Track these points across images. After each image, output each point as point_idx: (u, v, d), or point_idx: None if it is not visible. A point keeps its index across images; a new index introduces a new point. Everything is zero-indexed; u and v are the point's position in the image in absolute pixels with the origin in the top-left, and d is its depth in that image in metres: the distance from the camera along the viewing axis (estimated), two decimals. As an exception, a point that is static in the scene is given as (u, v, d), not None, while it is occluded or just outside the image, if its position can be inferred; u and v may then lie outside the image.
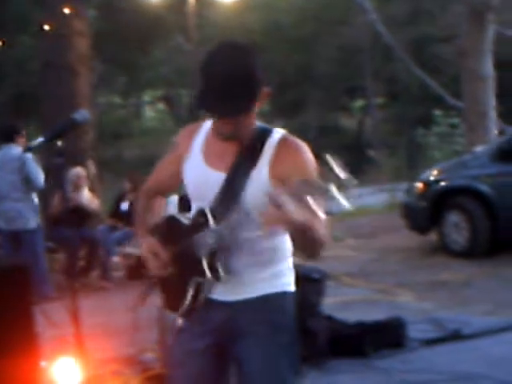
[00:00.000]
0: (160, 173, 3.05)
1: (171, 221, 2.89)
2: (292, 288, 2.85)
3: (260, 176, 2.70)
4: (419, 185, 10.39)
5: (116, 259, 9.80)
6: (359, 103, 30.85)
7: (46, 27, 11.71)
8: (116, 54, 21.45)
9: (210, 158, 2.80)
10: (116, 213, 9.97)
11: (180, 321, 2.85)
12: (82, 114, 3.44)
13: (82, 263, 9.67)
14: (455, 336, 6.15)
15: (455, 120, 18.87)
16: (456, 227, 9.84)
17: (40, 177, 8.26)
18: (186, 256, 2.75)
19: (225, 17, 22.76)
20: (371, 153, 22.54)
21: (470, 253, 9.62)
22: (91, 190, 10.16)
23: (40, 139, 3.31)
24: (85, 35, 12.49)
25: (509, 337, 6.10)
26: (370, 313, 6.54)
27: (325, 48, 25.83)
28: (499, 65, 15.30)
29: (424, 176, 10.67)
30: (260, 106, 2.70)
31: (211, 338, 2.82)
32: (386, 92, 28.64)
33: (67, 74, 11.84)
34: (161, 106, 31.03)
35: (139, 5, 20.18)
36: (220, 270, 2.68)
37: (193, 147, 2.86)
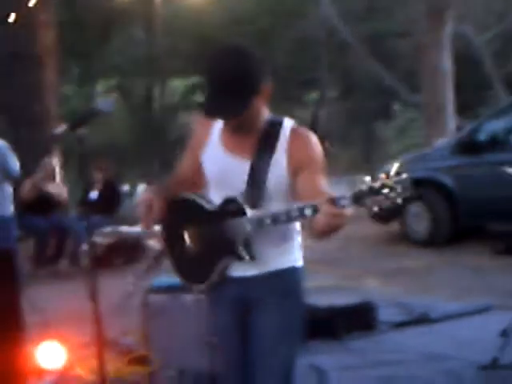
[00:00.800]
0: (186, 161, 3.19)
1: (191, 203, 3.03)
2: (300, 263, 3.06)
3: (279, 163, 2.88)
4: (381, 176, 10.65)
5: (85, 248, 9.89)
6: (314, 95, 31.05)
7: (12, 18, 11.70)
8: (74, 44, 21.33)
9: (229, 146, 2.95)
10: (85, 201, 10.01)
11: (208, 293, 3.10)
12: (107, 102, 3.53)
13: (51, 251, 9.71)
14: (423, 319, 6.40)
15: (412, 114, 19.25)
16: (417, 217, 10.16)
17: (17, 166, 8.34)
18: (218, 239, 2.92)
19: (186, 12, 22.82)
20: (326, 145, 22.80)
21: (431, 242, 9.97)
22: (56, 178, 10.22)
23: (63, 127, 3.43)
24: (50, 26, 12.48)
25: (472, 320, 6.35)
26: (338, 298, 6.73)
27: (281, 41, 25.97)
28: (457, 59, 15.67)
29: (386, 168, 10.92)
30: (264, 101, 2.88)
31: (232, 310, 3.06)
32: (341, 85, 28.85)
33: (34, 65, 11.83)
34: (114, 95, 30.85)
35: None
36: (254, 253, 2.88)
37: (211, 135, 3.00)
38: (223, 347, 3.20)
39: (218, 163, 2.96)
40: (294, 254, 3.05)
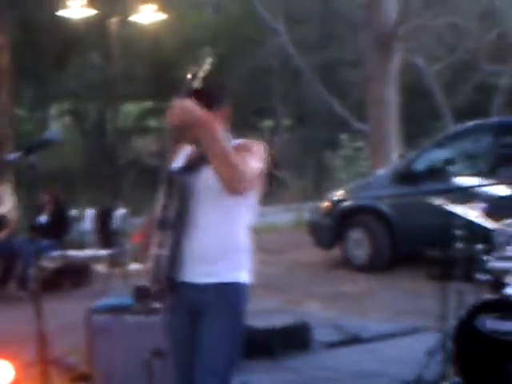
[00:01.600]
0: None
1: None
2: (246, 279, 3.39)
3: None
4: (325, 204, 11.03)
5: (33, 271, 10.01)
6: (268, 124, 31.36)
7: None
8: (28, 67, 21.41)
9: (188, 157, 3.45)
10: (34, 225, 10.13)
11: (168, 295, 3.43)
12: (55, 133, 3.92)
13: (-1, 274, 9.79)
14: (355, 339, 6.76)
15: (360, 143, 19.64)
16: (358, 243, 10.49)
17: None
18: (161, 222, 3.33)
19: (142, 36, 22.99)
20: (279, 173, 23.20)
21: (370, 267, 10.29)
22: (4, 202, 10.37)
23: (16, 153, 3.76)
24: (5, 49, 12.66)
25: (402, 340, 6.71)
26: (278, 320, 6.88)
27: (236, 67, 26.23)
28: (408, 90, 16.06)
29: (329, 196, 11.33)
30: (222, 122, 3.33)
31: (185, 313, 3.40)
32: (294, 114, 29.19)
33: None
34: (68, 119, 30.80)
35: (58, 21, 20.29)
36: (184, 216, 3.27)
37: (180, 156, 3.50)
38: (175, 346, 3.51)
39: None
40: (243, 270, 3.39)
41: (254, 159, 3.29)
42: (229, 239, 3.37)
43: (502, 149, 9.77)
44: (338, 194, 11.16)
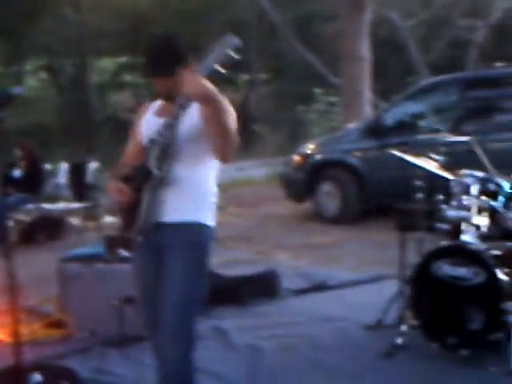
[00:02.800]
0: (129, 147, 3.90)
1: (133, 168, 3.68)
2: (211, 222, 3.66)
3: (191, 115, 3.53)
4: (296, 157, 11.17)
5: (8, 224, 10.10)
6: (244, 78, 31.26)
7: None
8: (1, 23, 21.22)
9: (158, 112, 3.73)
10: (8, 179, 10.13)
11: (138, 238, 3.66)
12: (18, 89, 4.07)
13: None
14: (321, 287, 7.02)
15: (333, 98, 19.71)
16: (329, 196, 10.67)
17: None
18: (140, 172, 3.60)
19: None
20: (255, 127, 23.30)
21: (341, 219, 10.49)
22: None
23: None
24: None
25: (366, 288, 6.96)
26: (249, 270, 7.17)
27: (211, 22, 26.09)
28: (382, 45, 16.08)
29: (301, 149, 11.49)
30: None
31: (153, 254, 3.66)
32: (270, 68, 29.13)
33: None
34: (43, 75, 30.59)
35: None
36: (164, 169, 3.53)
37: (147, 113, 3.80)
38: (141, 283, 3.77)
39: (148, 124, 3.74)
40: (207, 211, 3.66)
41: (229, 117, 3.47)
42: (197, 188, 3.63)
43: (469, 103, 9.95)
44: (310, 147, 11.31)
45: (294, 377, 4.89)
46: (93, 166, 10.22)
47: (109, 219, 10.27)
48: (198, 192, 3.63)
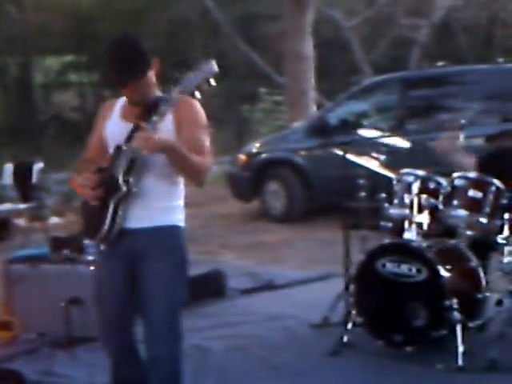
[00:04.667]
0: (92, 141, 3.86)
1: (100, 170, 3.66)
2: (182, 224, 3.70)
3: (166, 123, 3.54)
4: (242, 156, 11.20)
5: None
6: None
7: None
8: None
9: (124, 115, 3.68)
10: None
11: (101, 246, 3.69)
12: None
13: None
14: (268, 286, 7.09)
15: (279, 97, 19.75)
16: (275, 195, 10.72)
17: None
18: (108, 181, 3.56)
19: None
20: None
21: (287, 218, 10.54)
22: None
23: None
24: None
25: (314, 286, 7.05)
26: (195, 270, 7.22)
27: (155, 20, 25.98)
28: (325, 44, 16.14)
29: (247, 148, 11.52)
30: (153, 75, 3.62)
31: (122, 261, 3.65)
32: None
33: None
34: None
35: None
36: (131, 182, 3.53)
37: (112, 113, 3.74)
38: (105, 287, 3.74)
39: (114, 127, 3.69)
40: (177, 214, 3.70)
41: (202, 132, 3.61)
42: (166, 195, 3.66)
43: (412, 102, 10.10)
44: (255, 146, 11.36)
45: (242, 376, 4.92)
46: (38, 166, 10.14)
47: (54, 220, 10.23)
48: (166, 198, 3.66)
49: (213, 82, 3.49)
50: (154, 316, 3.62)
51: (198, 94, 3.49)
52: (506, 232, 4.99)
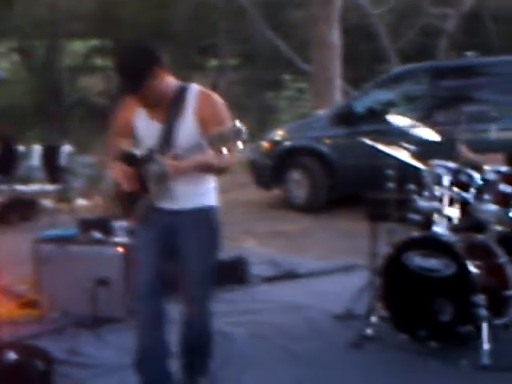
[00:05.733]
0: (117, 131, 4.13)
1: (127, 153, 3.95)
2: (215, 203, 4.05)
3: (187, 123, 3.82)
4: (265, 144, 11.14)
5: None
6: (213, 63, 31.12)
7: None
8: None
9: (150, 114, 3.92)
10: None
11: (136, 223, 4.03)
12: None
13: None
14: (290, 275, 7.06)
15: (303, 85, 19.70)
16: (297, 184, 10.65)
17: None
18: (141, 179, 3.87)
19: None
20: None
21: (309, 207, 10.48)
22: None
23: None
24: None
25: (336, 277, 7.00)
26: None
27: (180, 5, 25.93)
28: (349, 31, 16.07)
29: (270, 136, 11.47)
30: (161, 79, 3.77)
31: (159, 233, 3.99)
32: (239, 53, 29.03)
33: None
34: (15, 57, 30.38)
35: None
36: (156, 193, 3.85)
37: (140, 112, 3.95)
38: (143, 255, 4.04)
39: (144, 126, 3.96)
40: (209, 195, 4.04)
41: (223, 125, 3.68)
42: (199, 179, 3.95)
43: (439, 92, 10.00)
44: (279, 134, 11.30)
45: (264, 363, 4.90)
46: (66, 148, 10.21)
47: (80, 202, 10.29)
48: (200, 181, 3.96)
49: (241, 145, 3.60)
50: (192, 282, 4.04)
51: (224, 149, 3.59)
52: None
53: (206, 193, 4.01)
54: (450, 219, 5.08)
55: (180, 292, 4.13)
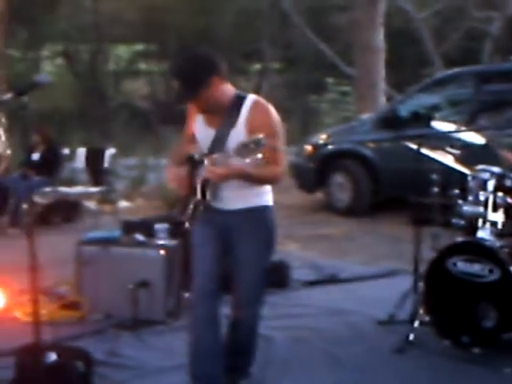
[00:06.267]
0: (186, 137, 4.24)
1: (189, 156, 4.03)
2: (270, 203, 4.13)
3: (239, 131, 3.87)
4: (308, 147, 11.11)
5: (26, 206, 10.10)
6: (256, 67, 31.21)
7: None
8: (22, 9, 21.28)
9: (207, 121, 4.02)
10: (27, 162, 10.22)
11: (188, 223, 4.07)
12: (43, 76, 4.10)
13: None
14: (332, 279, 7.01)
15: (346, 88, 19.66)
16: (340, 187, 10.62)
17: None
18: (193, 181, 3.96)
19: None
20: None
21: (352, 211, 10.43)
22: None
23: (8, 94, 3.95)
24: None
25: (379, 282, 6.94)
26: None
27: (225, 11, 26.08)
28: (393, 35, 16.02)
29: (313, 139, 11.44)
30: (217, 87, 3.85)
31: (215, 231, 4.06)
32: (282, 57, 29.08)
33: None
34: (60, 61, 30.77)
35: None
36: (208, 195, 3.91)
37: (198, 118, 4.07)
38: (202, 253, 4.10)
39: (201, 132, 4.06)
40: (266, 195, 4.10)
41: (276, 139, 3.87)
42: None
43: (483, 96, 9.88)
44: (322, 137, 11.27)
45: (305, 368, 4.88)
46: (110, 151, 10.29)
47: (123, 204, 10.35)
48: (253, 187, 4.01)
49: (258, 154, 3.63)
50: (244, 284, 4.11)
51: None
52: None
53: (261, 193, 4.06)
54: (494, 224, 5.01)
55: (232, 293, 4.17)
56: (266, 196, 4.09)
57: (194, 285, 4.11)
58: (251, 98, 3.95)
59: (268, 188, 4.10)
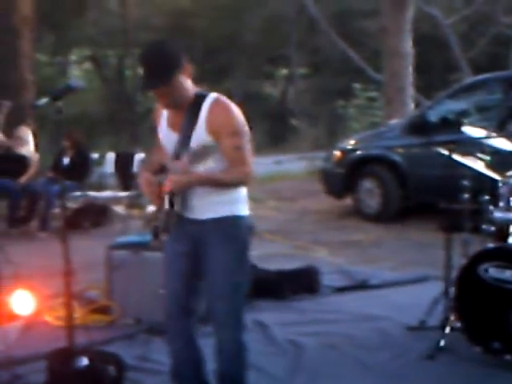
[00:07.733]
0: (157, 142, 4.00)
1: (163, 166, 3.85)
2: (243, 212, 3.81)
3: (200, 132, 3.64)
4: (337, 153, 11.09)
5: (55, 211, 10.20)
6: (283, 72, 31.26)
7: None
8: (50, 14, 21.48)
9: (169, 123, 3.82)
10: (57, 167, 10.32)
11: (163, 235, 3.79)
12: (78, 81, 4.15)
13: (22, 213, 10.07)
14: (362, 285, 6.98)
15: (373, 93, 19.63)
16: (369, 193, 10.59)
17: None
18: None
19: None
20: (293, 121, 23.23)
21: (381, 217, 10.39)
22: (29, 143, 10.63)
23: (45, 99, 4.00)
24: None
25: (409, 288, 6.89)
26: (288, 264, 7.17)
27: (252, 17, 26.15)
28: (421, 40, 15.98)
29: (342, 145, 11.41)
30: (185, 79, 3.65)
31: (187, 245, 3.81)
32: (309, 62, 29.12)
33: (12, 37, 12.31)
34: (88, 65, 31.01)
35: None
36: (176, 204, 3.67)
37: (162, 118, 3.87)
38: (172, 269, 3.91)
39: (164, 136, 3.86)
40: (238, 204, 3.80)
41: (240, 139, 3.64)
42: (224, 192, 3.75)
43: (512, 102, 9.83)
44: (350, 143, 11.26)
45: (335, 374, 4.86)
46: (139, 156, 10.35)
47: (152, 208, 10.34)
48: (225, 190, 3.75)
49: None
50: (214, 302, 3.81)
51: None
52: None
53: (231, 202, 3.77)
54: (525, 231, 4.99)
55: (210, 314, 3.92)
56: (237, 205, 3.79)
57: (165, 302, 3.96)
58: (211, 96, 3.69)
59: (241, 197, 3.81)
